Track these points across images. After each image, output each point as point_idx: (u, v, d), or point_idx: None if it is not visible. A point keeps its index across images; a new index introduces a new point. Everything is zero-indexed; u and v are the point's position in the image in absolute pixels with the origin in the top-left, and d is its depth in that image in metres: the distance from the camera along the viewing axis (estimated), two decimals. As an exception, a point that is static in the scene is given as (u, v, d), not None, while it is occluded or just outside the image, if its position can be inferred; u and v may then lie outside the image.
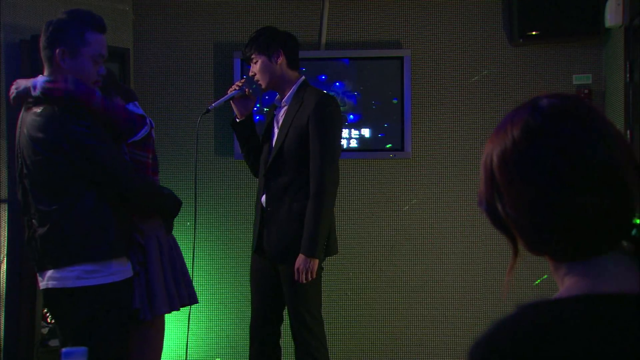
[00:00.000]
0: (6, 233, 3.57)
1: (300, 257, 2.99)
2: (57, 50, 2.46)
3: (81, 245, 2.46)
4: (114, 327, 2.52)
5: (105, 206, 2.49)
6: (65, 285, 2.46)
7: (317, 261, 3.00)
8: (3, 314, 3.55)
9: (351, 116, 4.18)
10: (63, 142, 2.41)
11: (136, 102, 2.85)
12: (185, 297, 2.86)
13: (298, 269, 2.98)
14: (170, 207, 2.81)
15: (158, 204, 2.77)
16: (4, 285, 3.55)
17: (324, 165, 3.02)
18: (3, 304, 3.55)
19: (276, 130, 3.17)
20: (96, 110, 2.48)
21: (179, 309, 2.80)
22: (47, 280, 2.49)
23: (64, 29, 2.47)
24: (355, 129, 4.19)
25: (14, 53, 3.62)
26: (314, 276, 3.01)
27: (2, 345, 3.54)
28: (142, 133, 2.71)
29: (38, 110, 2.45)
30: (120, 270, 2.53)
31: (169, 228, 2.85)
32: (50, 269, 2.48)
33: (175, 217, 2.86)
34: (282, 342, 3.29)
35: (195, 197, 3.21)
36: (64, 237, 2.47)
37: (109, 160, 2.49)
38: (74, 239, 2.46)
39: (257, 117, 4.05)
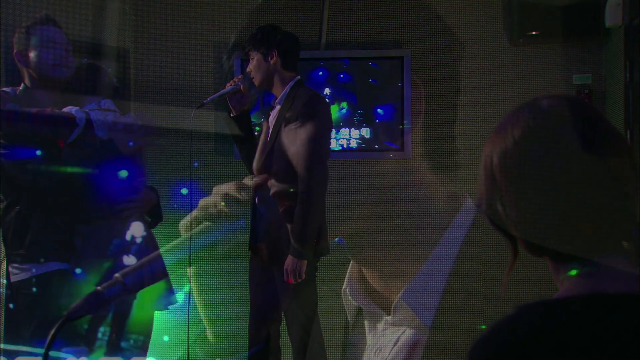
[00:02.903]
0: (6, 233, 3.57)
1: (289, 259, 2.98)
2: (15, 54, 2.74)
3: (4, 246, 2.68)
4: (37, 321, 2.64)
5: (21, 213, 2.66)
6: None
7: (305, 262, 2.99)
8: (3, 314, 3.55)
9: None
10: None
11: (104, 101, 2.85)
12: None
13: (287, 270, 2.98)
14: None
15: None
16: (4, 285, 3.54)
17: (310, 166, 2.99)
18: (3, 304, 3.54)
19: (270, 131, 3.17)
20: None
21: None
22: None
23: (14, 37, 2.76)
24: (355, 129, 4.19)
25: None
26: (303, 277, 3.00)
27: (2, 345, 3.53)
28: (75, 133, 2.74)
29: None
30: (37, 265, 2.67)
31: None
32: None
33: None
34: (280, 341, 3.29)
35: (191, 195, 3.20)
36: None
37: (16, 172, 2.64)
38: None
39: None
